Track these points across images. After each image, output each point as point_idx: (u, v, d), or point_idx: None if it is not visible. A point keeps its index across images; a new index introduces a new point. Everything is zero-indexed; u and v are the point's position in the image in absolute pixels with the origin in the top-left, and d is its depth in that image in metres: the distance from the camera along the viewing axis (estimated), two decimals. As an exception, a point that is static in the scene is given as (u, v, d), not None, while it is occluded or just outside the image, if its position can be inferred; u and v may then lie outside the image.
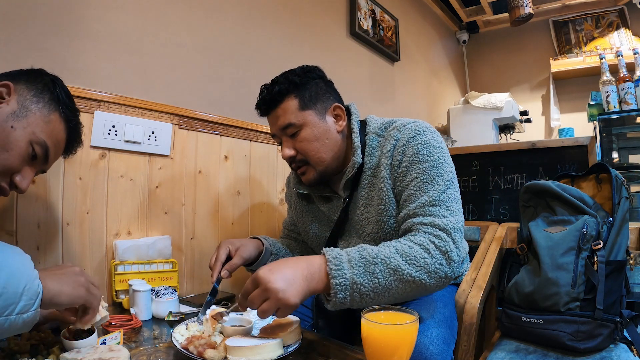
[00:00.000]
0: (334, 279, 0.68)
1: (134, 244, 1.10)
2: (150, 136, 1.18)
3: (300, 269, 0.69)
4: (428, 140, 0.87)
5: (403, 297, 0.74)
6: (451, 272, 0.75)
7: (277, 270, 0.67)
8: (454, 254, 0.75)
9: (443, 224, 0.77)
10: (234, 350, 0.65)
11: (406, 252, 0.72)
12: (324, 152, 0.93)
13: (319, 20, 1.91)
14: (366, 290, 0.69)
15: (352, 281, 0.69)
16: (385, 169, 0.90)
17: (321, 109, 0.94)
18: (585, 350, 0.87)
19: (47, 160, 0.74)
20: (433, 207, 0.80)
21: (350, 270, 0.69)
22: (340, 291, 0.69)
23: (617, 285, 0.93)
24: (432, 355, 0.76)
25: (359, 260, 0.71)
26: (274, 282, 0.64)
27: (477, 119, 2.69)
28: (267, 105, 0.95)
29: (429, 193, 0.81)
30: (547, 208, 1.10)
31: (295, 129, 0.92)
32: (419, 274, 0.71)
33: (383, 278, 0.70)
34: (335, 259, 0.70)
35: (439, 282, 0.74)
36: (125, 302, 1.00)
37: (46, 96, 0.73)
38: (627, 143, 2.26)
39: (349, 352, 0.75)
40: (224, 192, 1.39)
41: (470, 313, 1.05)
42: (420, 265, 0.72)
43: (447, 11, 3.30)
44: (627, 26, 2.99)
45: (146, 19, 1.21)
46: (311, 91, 0.94)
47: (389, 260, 0.71)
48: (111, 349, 0.65)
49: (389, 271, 0.71)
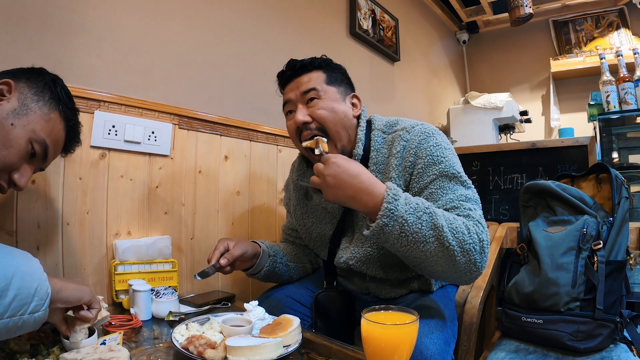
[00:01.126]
0: (388, 204, 0.73)
1: (134, 244, 1.10)
2: (150, 136, 1.18)
3: (362, 182, 0.75)
4: (439, 142, 0.89)
5: (431, 262, 0.77)
6: (480, 261, 0.76)
7: (348, 165, 0.77)
8: (485, 244, 0.77)
9: (478, 217, 0.79)
10: (234, 350, 0.65)
11: (451, 220, 0.75)
12: (341, 129, 0.94)
13: (319, 20, 1.91)
14: (407, 230, 0.73)
15: (400, 214, 0.73)
16: (395, 169, 0.90)
17: (343, 92, 0.99)
18: (585, 350, 0.88)
19: (46, 159, 0.74)
20: (464, 202, 0.82)
21: (404, 205, 0.73)
22: (387, 216, 0.72)
23: (617, 285, 0.93)
24: (433, 355, 0.76)
25: (414, 202, 0.75)
26: (329, 182, 0.76)
27: (477, 119, 2.69)
28: (294, 71, 0.97)
29: (455, 191, 0.83)
30: (547, 208, 1.10)
31: (317, 94, 0.94)
32: (454, 244, 0.74)
33: (426, 228, 0.73)
34: (394, 189, 0.75)
35: (467, 265, 0.75)
36: (125, 302, 1.00)
37: (47, 95, 0.73)
38: (627, 143, 2.26)
39: (349, 352, 0.75)
40: (224, 192, 1.39)
41: (470, 313, 1.05)
42: (458, 237, 0.74)
43: (447, 11, 3.30)
44: (627, 26, 2.99)
45: (146, 19, 1.21)
46: (337, 75, 0.99)
47: (436, 217, 0.74)
48: (111, 349, 0.65)
49: (432, 225, 0.73)
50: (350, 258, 0.96)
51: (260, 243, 1.06)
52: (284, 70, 0.99)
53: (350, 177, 0.76)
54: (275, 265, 1.05)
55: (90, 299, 0.67)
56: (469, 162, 1.83)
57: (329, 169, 0.77)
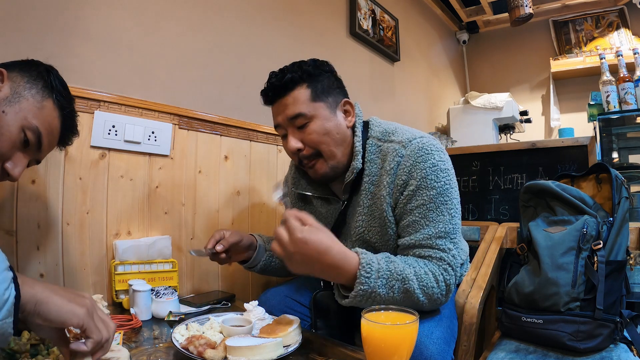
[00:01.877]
0: (361, 285, 0.74)
1: (134, 244, 1.10)
2: (150, 136, 1.18)
3: (328, 261, 0.71)
4: (436, 163, 0.85)
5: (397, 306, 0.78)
6: (444, 299, 0.83)
7: (317, 241, 0.69)
8: (452, 286, 0.83)
9: (449, 260, 0.82)
10: (234, 350, 0.65)
11: (422, 278, 0.78)
12: (335, 147, 0.91)
13: (319, 20, 1.91)
14: (379, 299, 0.76)
15: (372, 290, 0.75)
16: (386, 187, 0.87)
17: (332, 103, 0.92)
18: (585, 350, 0.87)
19: (40, 148, 0.72)
20: (440, 240, 0.82)
21: (375, 281, 0.75)
22: (360, 296, 0.74)
23: (617, 285, 0.93)
24: (433, 355, 0.76)
25: (385, 271, 0.76)
26: (295, 258, 0.70)
27: (477, 119, 2.69)
28: (276, 92, 0.91)
29: (436, 225, 0.83)
30: (547, 208, 1.10)
31: (305, 120, 0.88)
32: (423, 299, 0.79)
33: (397, 294, 0.77)
34: (368, 266, 0.74)
35: (432, 306, 0.83)
36: (125, 302, 1.00)
37: (40, 83, 0.71)
38: (627, 143, 2.26)
39: (349, 352, 0.75)
40: (224, 192, 1.39)
41: (470, 313, 1.05)
42: (428, 292, 0.79)
43: (447, 11, 3.30)
44: (627, 26, 2.99)
45: (146, 19, 1.21)
46: (323, 83, 0.91)
47: (408, 282, 0.77)
48: (111, 349, 0.65)
49: (404, 290, 0.77)
50: None
51: (257, 236, 1.06)
52: (266, 90, 0.93)
53: (319, 254, 0.70)
54: (272, 260, 1.06)
55: (81, 323, 0.51)
56: (469, 162, 1.83)
57: (295, 247, 0.69)
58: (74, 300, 0.52)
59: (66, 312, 0.50)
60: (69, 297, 0.52)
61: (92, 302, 0.55)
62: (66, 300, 0.51)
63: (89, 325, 0.52)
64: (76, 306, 0.51)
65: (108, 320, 0.56)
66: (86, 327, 0.52)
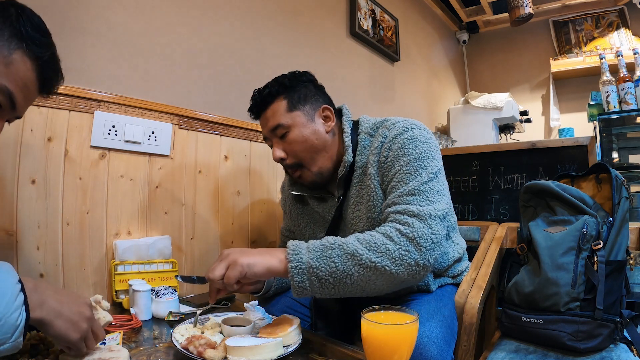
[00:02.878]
0: (290, 262, 0.73)
1: (134, 244, 1.10)
2: (150, 136, 1.18)
3: (259, 250, 0.76)
4: (415, 135, 0.88)
5: (371, 287, 0.74)
6: (422, 259, 0.73)
7: (237, 247, 0.76)
8: (423, 240, 0.73)
9: (417, 211, 0.76)
10: (234, 350, 0.65)
11: (366, 240, 0.74)
12: (314, 152, 0.94)
13: (319, 20, 1.91)
14: (324, 275, 0.72)
15: (308, 265, 0.72)
16: (373, 165, 0.91)
17: (310, 110, 0.96)
18: (585, 350, 0.87)
19: (14, 107, 0.64)
20: (411, 197, 0.79)
21: (307, 255, 0.73)
22: (297, 274, 0.72)
23: (617, 285, 0.93)
24: (433, 355, 0.76)
25: (318, 246, 0.74)
26: (229, 251, 0.74)
27: (477, 119, 2.69)
28: (258, 107, 0.97)
29: (410, 184, 0.82)
30: (547, 208, 1.10)
31: (284, 129, 0.93)
32: (381, 260, 0.71)
33: (341, 263, 0.71)
34: (294, 246, 0.75)
35: (408, 270, 0.72)
36: (125, 302, 1.00)
37: (5, 33, 0.61)
38: (627, 143, 2.26)
39: (349, 352, 0.75)
40: (224, 192, 1.39)
41: (470, 313, 1.05)
42: (381, 251, 0.71)
43: (447, 11, 3.30)
44: (627, 26, 2.99)
45: (146, 19, 1.21)
46: (300, 93, 0.96)
47: (347, 246, 0.73)
48: (111, 349, 0.65)
49: (347, 256, 0.72)
50: None
51: None
52: (251, 107, 0.99)
53: (244, 251, 0.75)
54: (282, 280, 1.05)
55: (70, 346, 0.58)
56: (469, 162, 1.83)
57: (226, 256, 0.74)
58: (74, 324, 0.57)
59: (63, 336, 0.56)
60: (72, 320, 0.56)
61: (89, 322, 0.59)
62: (68, 324, 0.56)
63: (76, 346, 0.58)
64: (73, 332, 0.56)
65: (98, 334, 0.62)
66: (73, 347, 0.58)
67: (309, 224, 1.08)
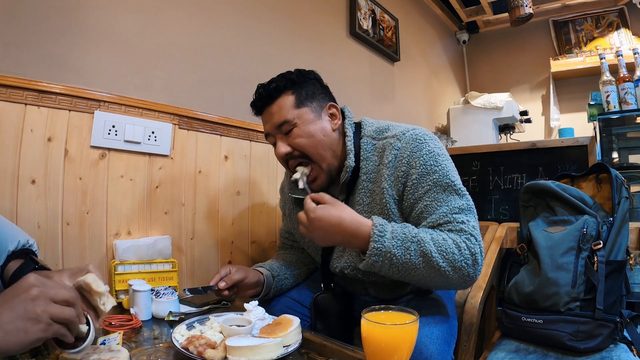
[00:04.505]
0: (374, 243, 0.77)
1: (134, 244, 1.10)
2: (150, 136, 1.18)
3: (341, 232, 0.79)
4: (432, 149, 0.87)
5: (426, 281, 0.82)
6: (474, 273, 0.80)
7: (325, 217, 0.79)
8: (479, 257, 0.80)
9: (470, 230, 0.81)
10: (234, 350, 0.65)
11: (439, 243, 0.78)
12: (322, 149, 0.92)
13: (319, 20, 1.91)
14: (397, 262, 0.78)
15: (388, 250, 0.77)
16: (387, 180, 0.88)
17: (317, 107, 0.94)
18: (585, 350, 0.88)
19: None
20: (457, 215, 0.82)
21: (390, 241, 0.77)
22: (375, 254, 0.77)
23: (617, 285, 0.93)
24: (433, 355, 0.77)
25: (400, 233, 0.78)
26: (316, 227, 0.80)
27: (477, 119, 2.69)
28: (263, 101, 0.94)
29: (449, 203, 0.83)
30: (547, 208, 1.10)
31: (291, 126, 0.91)
32: (445, 265, 0.77)
33: (415, 257, 0.78)
34: (380, 226, 0.78)
35: (461, 279, 0.80)
36: (125, 302, 1.00)
37: None
38: (627, 143, 2.26)
39: (349, 352, 0.75)
40: (224, 192, 1.39)
41: (470, 313, 1.05)
42: (448, 258, 0.77)
43: (447, 11, 3.30)
44: (627, 26, 2.99)
45: (146, 19, 1.21)
46: (307, 90, 0.94)
47: (424, 244, 0.77)
48: (111, 349, 0.65)
49: (421, 253, 0.77)
50: (345, 267, 0.96)
51: (262, 269, 1.03)
52: (255, 101, 0.97)
53: (333, 226, 0.79)
54: (281, 282, 1.05)
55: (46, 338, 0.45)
56: (469, 162, 1.84)
57: (312, 226, 0.80)
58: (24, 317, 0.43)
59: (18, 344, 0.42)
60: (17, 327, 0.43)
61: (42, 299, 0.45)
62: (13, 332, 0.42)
63: (56, 334, 0.46)
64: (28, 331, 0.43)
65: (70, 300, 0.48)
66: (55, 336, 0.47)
67: None
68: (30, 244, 0.74)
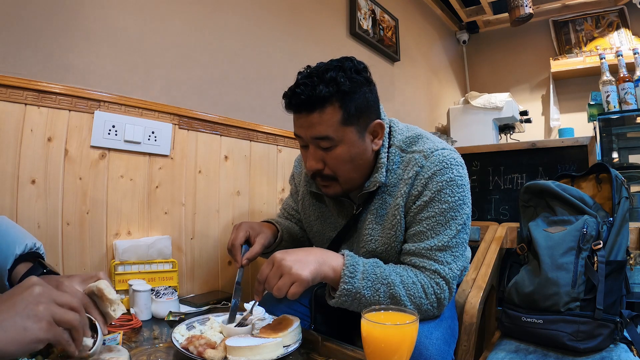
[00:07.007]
0: (344, 284, 0.77)
1: (134, 244, 1.10)
2: (150, 136, 1.18)
3: (314, 255, 0.77)
4: (453, 177, 0.84)
5: None
6: (438, 313, 0.84)
7: (291, 252, 0.76)
8: (446, 300, 0.83)
9: (444, 273, 0.81)
10: (234, 350, 0.65)
11: (409, 287, 0.80)
12: (355, 172, 0.87)
13: (319, 20, 1.91)
14: (365, 302, 0.78)
15: (357, 291, 0.77)
16: (402, 196, 0.86)
17: (363, 126, 0.84)
18: (585, 350, 0.88)
19: None
20: (440, 253, 0.82)
21: (360, 282, 0.78)
22: (345, 295, 0.77)
23: (617, 285, 0.93)
24: (432, 356, 0.77)
25: (371, 274, 0.79)
26: (287, 260, 0.73)
27: (477, 119, 2.69)
28: (303, 105, 0.81)
29: (440, 237, 0.83)
30: (547, 208, 1.10)
31: (331, 143, 0.82)
32: (412, 307, 0.80)
33: (383, 298, 0.79)
34: (352, 266, 0.78)
35: (424, 317, 0.83)
36: (125, 302, 1.00)
37: None
38: (627, 143, 2.26)
39: (349, 352, 0.75)
40: (224, 192, 1.39)
41: (470, 313, 1.05)
42: (415, 302, 0.80)
43: (447, 11, 3.30)
44: (627, 26, 2.99)
45: (146, 19, 1.21)
46: (357, 103, 0.82)
47: (393, 287, 0.79)
48: (111, 349, 0.65)
49: (389, 295, 0.79)
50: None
51: (278, 225, 1.04)
52: (291, 99, 0.82)
53: (302, 251, 0.77)
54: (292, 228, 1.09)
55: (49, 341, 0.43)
56: (469, 162, 1.83)
57: (279, 256, 0.74)
58: (28, 317, 0.41)
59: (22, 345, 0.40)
60: (16, 328, 0.40)
61: (46, 297, 0.43)
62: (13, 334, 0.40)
63: (55, 338, 0.44)
64: (31, 331, 0.40)
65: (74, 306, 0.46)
66: (57, 342, 0.44)
67: (319, 219, 1.03)
68: (38, 247, 0.74)
